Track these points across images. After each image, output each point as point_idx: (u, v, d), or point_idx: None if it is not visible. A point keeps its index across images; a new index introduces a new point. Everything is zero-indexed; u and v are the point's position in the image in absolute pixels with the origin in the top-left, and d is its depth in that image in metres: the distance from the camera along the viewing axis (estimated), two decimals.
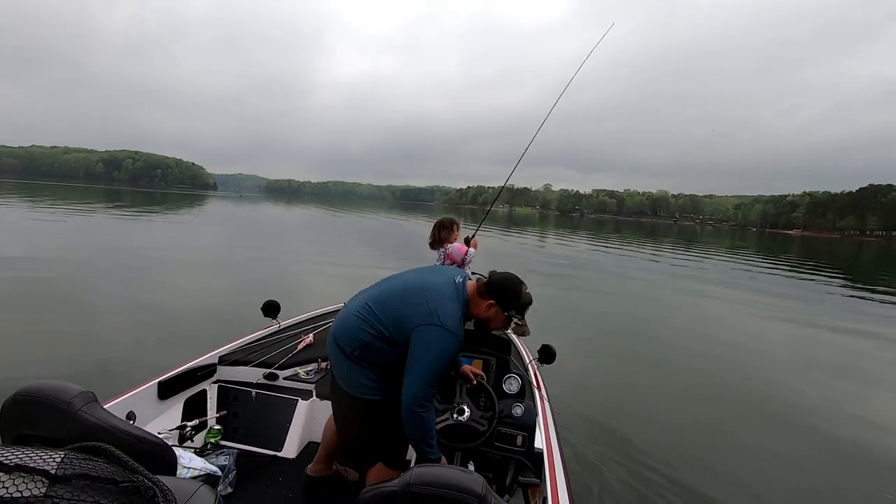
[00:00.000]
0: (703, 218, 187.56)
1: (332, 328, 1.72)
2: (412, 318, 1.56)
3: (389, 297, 1.65)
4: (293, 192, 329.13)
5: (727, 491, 3.13)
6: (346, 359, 1.63)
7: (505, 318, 1.69)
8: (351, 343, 1.62)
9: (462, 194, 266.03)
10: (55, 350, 4.50)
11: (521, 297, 1.68)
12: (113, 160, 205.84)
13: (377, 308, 1.62)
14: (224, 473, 1.99)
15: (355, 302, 1.71)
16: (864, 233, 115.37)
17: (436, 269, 1.94)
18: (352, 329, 1.62)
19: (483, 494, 0.87)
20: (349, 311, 1.69)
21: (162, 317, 5.97)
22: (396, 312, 1.60)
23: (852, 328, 8.77)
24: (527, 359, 3.05)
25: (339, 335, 1.66)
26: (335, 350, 1.67)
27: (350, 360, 1.63)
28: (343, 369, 1.66)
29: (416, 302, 1.58)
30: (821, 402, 4.94)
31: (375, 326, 1.60)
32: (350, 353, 1.62)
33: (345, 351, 1.63)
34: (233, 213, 35.14)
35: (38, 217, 18.93)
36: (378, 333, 1.59)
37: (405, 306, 1.60)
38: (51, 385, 1.07)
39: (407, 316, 1.57)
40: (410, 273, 1.80)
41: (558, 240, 30.56)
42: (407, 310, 1.58)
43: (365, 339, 1.60)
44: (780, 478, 3.39)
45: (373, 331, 1.60)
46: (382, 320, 1.60)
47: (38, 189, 48.60)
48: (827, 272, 19.95)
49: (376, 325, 1.60)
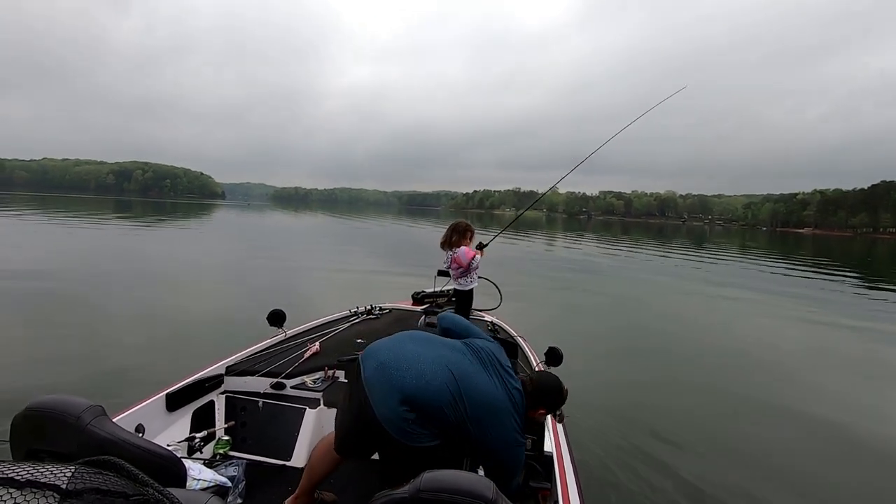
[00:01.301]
0: (713, 218, 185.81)
1: (401, 375, 1.56)
2: (500, 432, 1.56)
3: (474, 394, 1.57)
4: (300, 200, 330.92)
5: (740, 492, 3.08)
6: (409, 411, 1.51)
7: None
8: (428, 405, 1.52)
9: (468, 198, 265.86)
10: (64, 362, 4.54)
11: (564, 397, 1.77)
12: (123, 171, 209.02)
13: (465, 394, 1.56)
14: (234, 484, 1.99)
15: (428, 354, 1.63)
16: (877, 230, 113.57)
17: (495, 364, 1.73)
18: (434, 395, 1.53)
19: (493, 499, 0.87)
20: (426, 367, 1.58)
21: (168, 327, 6.02)
22: (481, 414, 1.55)
23: (871, 327, 8.62)
24: (534, 362, 3.03)
25: (413, 391, 1.52)
26: (396, 394, 1.52)
27: (412, 414, 1.52)
28: (396, 414, 1.51)
29: (502, 416, 1.58)
30: (840, 403, 4.83)
31: (458, 408, 1.53)
32: (418, 412, 1.52)
33: (417, 406, 1.51)
34: (240, 222, 35.45)
35: (50, 228, 19.24)
36: (456, 416, 1.53)
37: (491, 416, 1.57)
38: (60, 400, 1.08)
39: (493, 426, 1.56)
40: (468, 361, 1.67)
41: (566, 243, 30.42)
42: (495, 422, 1.56)
43: (442, 411, 1.52)
44: (794, 478, 3.33)
45: (454, 410, 1.53)
46: (467, 409, 1.54)
47: (50, 201, 49.40)
48: (844, 271, 19.62)
49: (459, 407, 1.53)
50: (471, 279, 3.85)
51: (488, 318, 4.26)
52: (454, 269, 3.84)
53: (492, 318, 4.23)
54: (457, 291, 3.92)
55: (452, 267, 3.84)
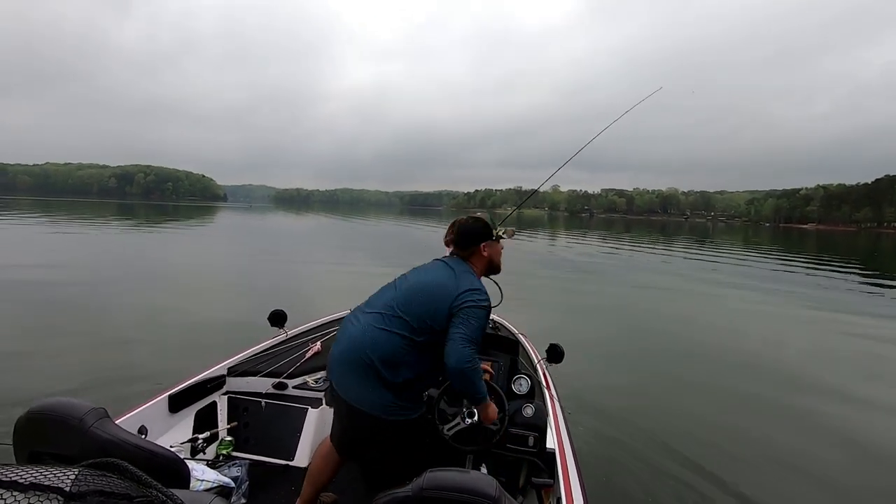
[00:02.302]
0: (715, 214, 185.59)
1: (347, 347, 1.65)
2: (446, 300, 1.63)
3: (412, 297, 1.68)
4: (302, 201, 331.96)
5: (743, 489, 3.07)
6: (375, 379, 1.59)
7: (497, 243, 1.86)
8: (383, 357, 1.59)
9: (470, 198, 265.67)
10: (66, 365, 4.54)
11: (488, 220, 1.85)
12: (125, 175, 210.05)
13: (403, 311, 1.64)
14: (237, 485, 2.00)
15: (367, 317, 1.68)
16: (881, 224, 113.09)
17: (430, 265, 1.87)
18: (380, 341, 1.60)
19: (497, 497, 0.86)
20: (367, 326, 1.65)
21: (170, 329, 6.04)
22: (426, 308, 1.63)
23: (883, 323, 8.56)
24: (535, 359, 3.03)
25: (363, 354, 1.60)
26: (363, 373, 1.60)
27: (378, 380, 1.59)
28: (374, 393, 1.60)
29: (444, 289, 1.65)
30: (847, 401, 4.79)
31: (406, 330, 1.61)
32: (381, 372, 1.58)
33: (377, 370, 1.58)
34: (241, 224, 35.52)
35: (54, 233, 19.33)
36: (409, 339, 1.61)
37: (433, 299, 1.65)
38: (62, 402, 1.08)
39: (440, 300, 1.63)
40: (411, 274, 1.83)
41: (568, 241, 30.39)
42: (437, 298, 1.64)
43: (398, 348, 1.60)
44: (795, 477, 3.31)
45: (405, 332, 1.61)
46: (411, 322, 1.62)
47: (53, 205, 49.64)
48: (851, 267, 19.53)
49: (406, 328, 1.61)
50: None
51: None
52: None
53: (493, 316, 4.22)
54: None
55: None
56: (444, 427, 1.85)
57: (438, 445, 1.87)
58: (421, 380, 1.69)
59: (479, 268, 1.83)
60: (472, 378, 1.61)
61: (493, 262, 1.85)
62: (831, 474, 3.42)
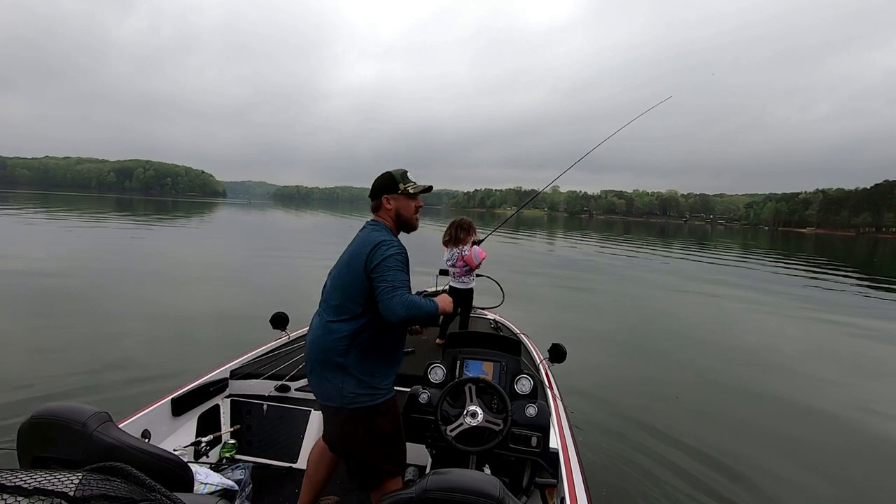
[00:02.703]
0: (714, 217, 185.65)
1: (308, 348, 1.74)
2: (361, 263, 1.65)
3: (336, 280, 1.73)
4: (301, 199, 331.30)
5: (746, 486, 3.08)
6: (336, 371, 1.65)
7: (406, 198, 1.82)
8: (325, 347, 1.65)
9: (469, 197, 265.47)
10: (69, 368, 4.50)
11: (392, 174, 1.83)
12: (124, 170, 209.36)
13: (330, 296, 1.72)
14: (240, 487, 1.99)
15: (318, 315, 1.77)
16: (880, 230, 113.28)
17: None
18: (323, 339, 1.67)
19: (500, 497, 0.87)
20: (315, 323, 1.75)
21: (171, 331, 6.02)
22: (346, 286, 1.68)
23: (881, 327, 8.59)
24: (537, 359, 3.03)
25: (316, 353, 1.68)
26: (320, 370, 1.67)
27: (339, 370, 1.64)
28: (334, 386, 1.65)
29: (357, 255, 1.68)
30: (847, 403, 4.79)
31: (334, 314, 1.67)
32: (333, 362, 1.64)
33: (329, 363, 1.65)
34: (240, 220, 35.48)
35: (53, 227, 19.29)
36: (339, 321, 1.65)
37: (349, 269, 1.68)
38: (66, 407, 1.08)
39: (357, 268, 1.66)
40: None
41: (567, 242, 30.41)
42: (353, 272, 1.67)
43: (334, 333, 1.65)
44: (796, 476, 3.30)
45: (336, 317, 1.66)
46: (339, 304, 1.67)
47: (51, 200, 49.51)
48: (848, 272, 19.56)
49: (333, 313, 1.68)
50: (471, 278, 3.80)
51: (491, 316, 4.23)
52: (459, 268, 3.71)
53: (494, 316, 4.22)
54: (457, 290, 3.75)
55: (458, 265, 3.71)
56: (446, 428, 1.84)
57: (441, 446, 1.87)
58: (371, 359, 1.68)
59: (388, 221, 1.82)
60: (419, 314, 1.61)
61: (402, 216, 1.82)
62: (832, 472, 3.43)
